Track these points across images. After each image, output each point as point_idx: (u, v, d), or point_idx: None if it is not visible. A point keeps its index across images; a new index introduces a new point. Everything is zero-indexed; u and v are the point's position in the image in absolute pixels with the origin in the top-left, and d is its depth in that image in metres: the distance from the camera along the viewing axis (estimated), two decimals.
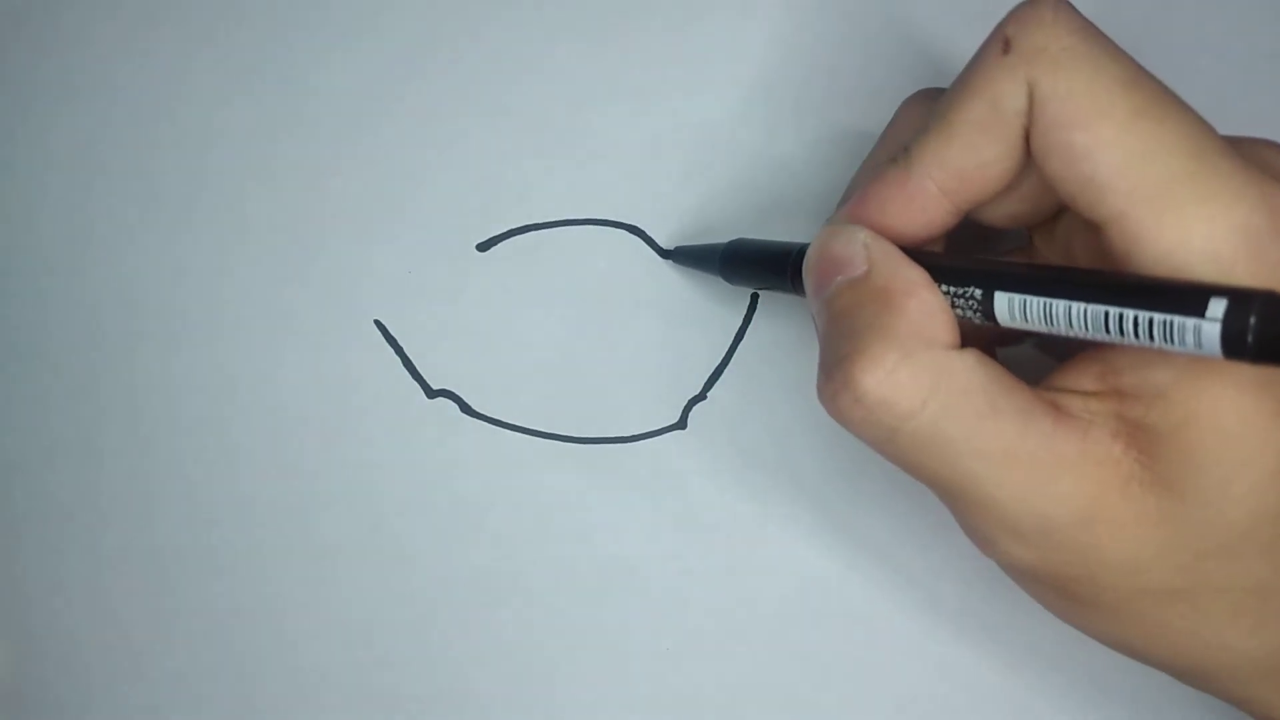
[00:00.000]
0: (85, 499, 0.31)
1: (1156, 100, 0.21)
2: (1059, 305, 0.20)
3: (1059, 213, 0.24)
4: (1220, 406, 0.20)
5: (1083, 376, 0.22)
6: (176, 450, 0.31)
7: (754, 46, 0.31)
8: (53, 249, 0.32)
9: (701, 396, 0.31)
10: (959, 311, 0.22)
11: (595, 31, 0.32)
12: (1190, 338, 0.18)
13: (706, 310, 0.31)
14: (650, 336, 0.31)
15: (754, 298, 0.31)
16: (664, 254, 0.31)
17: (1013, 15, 0.21)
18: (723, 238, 0.29)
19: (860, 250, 0.23)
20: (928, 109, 0.24)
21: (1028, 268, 0.22)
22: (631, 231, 0.31)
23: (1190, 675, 0.24)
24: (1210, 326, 0.18)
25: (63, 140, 0.32)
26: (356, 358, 0.31)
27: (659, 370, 0.31)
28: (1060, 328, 0.20)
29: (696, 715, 0.31)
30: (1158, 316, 0.19)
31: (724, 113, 0.31)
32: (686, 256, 0.30)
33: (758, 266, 0.28)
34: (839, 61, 0.31)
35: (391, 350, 0.31)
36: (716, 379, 0.31)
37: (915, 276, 0.22)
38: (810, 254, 0.24)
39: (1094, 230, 0.21)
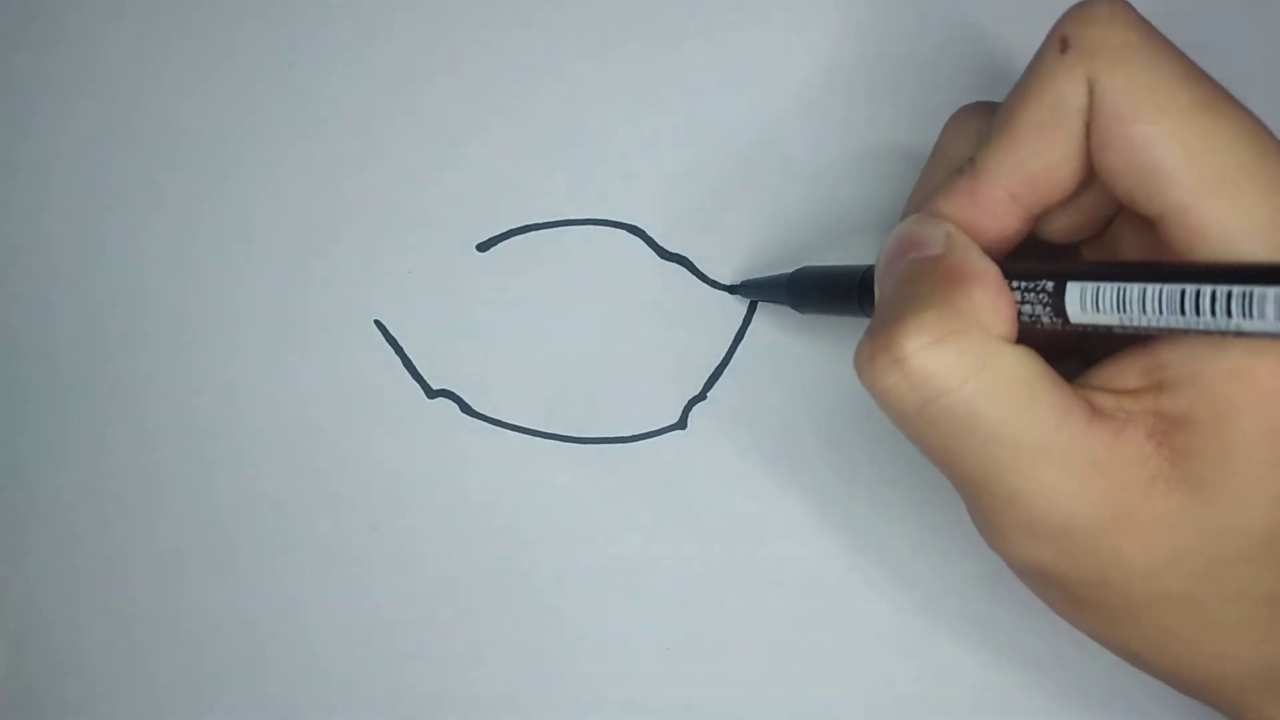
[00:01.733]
0: (85, 499, 0.31)
1: (1215, 96, 0.21)
2: (1133, 290, 0.20)
3: (1107, 225, 0.24)
4: (1268, 403, 0.20)
5: (1126, 372, 0.22)
6: (177, 450, 0.31)
7: (756, 47, 0.31)
8: (57, 250, 0.32)
9: (701, 396, 0.31)
10: (1026, 310, 0.22)
11: (596, 32, 0.32)
12: (1271, 309, 0.18)
13: (706, 310, 0.31)
14: (650, 336, 0.31)
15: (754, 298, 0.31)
16: (665, 255, 0.31)
17: (1069, 14, 0.22)
18: (726, 239, 0.29)
19: (941, 236, 0.23)
20: (982, 120, 0.24)
21: (1098, 263, 0.22)
22: (631, 231, 0.31)
23: (1190, 685, 0.24)
24: None
25: (67, 142, 0.32)
26: (357, 358, 0.31)
27: (659, 370, 0.31)
28: (1133, 314, 0.20)
29: (696, 715, 0.31)
30: (1236, 289, 0.19)
31: (724, 112, 0.31)
32: (753, 289, 0.30)
33: (824, 292, 0.28)
34: (841, 62, 0.31)
35: (391, 350, 0.31)
36: (716, 379, 0.31)
37: (988, 267, 0.22)
38: (891, 236, 0.24)
39: (1149, 228, 0.21)
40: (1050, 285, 0.21)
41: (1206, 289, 0.19)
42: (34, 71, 0.32)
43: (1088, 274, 0.21)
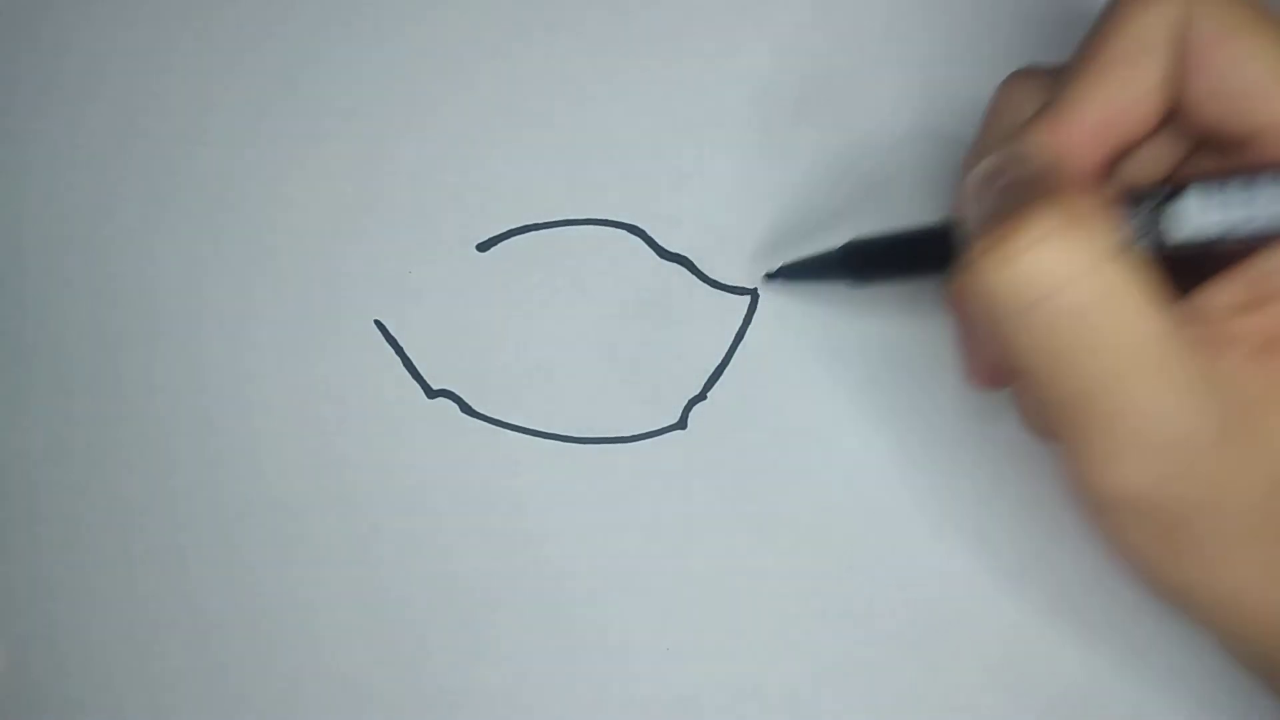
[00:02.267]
0: (85, 499, 0.31)
1: None
2: (1262, 179, 0.20)
3: (1173, 169, 0.24)
4: None
5: (1230, 286, 0.21)
6: (176, 450, 0.31)
7: (756, 46, 0.31)
8: (56, 251, 0.32)
9: (701, 396, 0.31)
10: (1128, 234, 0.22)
11: (596, 31, 0.32)
12: None
13: (706, 310, 0.31)
14: (650, 336, 0.31)
15: (754, 298, 0.31)
16: (665, 255, 0.31)
17: None
18: (725, 239, 0.29)
19: (1037, 152, 0.22)
20: (1039, 81, 0.23)
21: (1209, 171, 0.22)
22: (631, 231, 0.31)
23: (1268, 636, 0.23)
24: None
25: (67, 143, 0.32)
26: (357, 358, 0.31)
27: (659, 370, 0.31)
28: (1260, 209, 0.20)
29: (696, 715, 0.31)
30: None
31: (724, 113, 0.31)
32: (795, 271, 0.30)
33: (893, 251, 0.27)
34: (837, 61, 0.31)
35: (391, 350, 0.31)
36: (716, 379, 0.31)
37: (1088, 179, 0.22)
38: (978, 169, 0.23)
39: (1240, 149, 0.21)
40: (1167, 190, 0.21)
41: None
42: (35, 73, 0.32)
43: (1207, 178, 0.21)
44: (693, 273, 0.31)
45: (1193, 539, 0.22)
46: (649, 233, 0.31)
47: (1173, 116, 0.23)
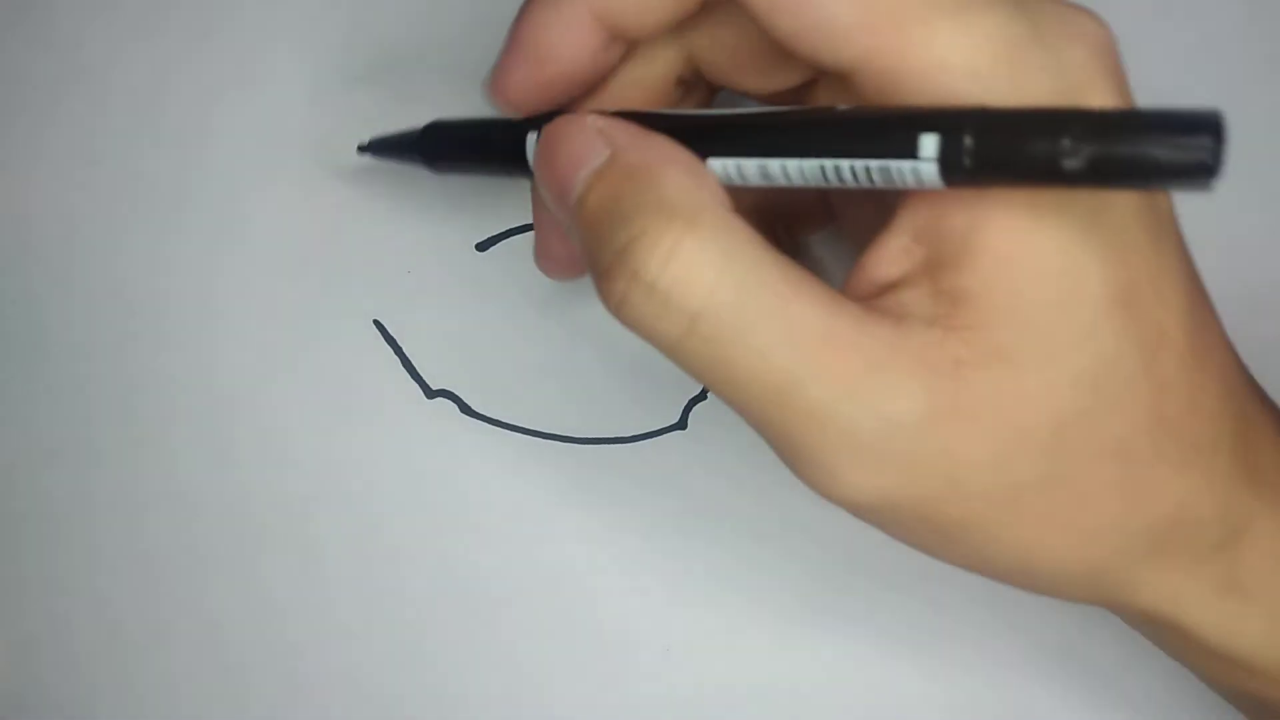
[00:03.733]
0: (84, 499, 0.31)
1: None
2: (774, 165, 0.19)
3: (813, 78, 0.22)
4: (1023, 244, 0.18)
5: (882, 260, 0.20)
6: (175, 451, 0.31)
7: None
8: (48, 249, 0.32)
9: (702, 396, 0.31)
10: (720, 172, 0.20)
11: None
12: (910, 176, 0.17)
13: None
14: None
15: None
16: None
17: None
18: None
19: (594, 136, 0.20)
20: None
21: (743, 119, 0.20)
22: None
23: (1083, 581, 0.22)
24: (928, 167, 0.17)
25: (58, 139, 0.32)
26: (356, 358, 0.31)
27: (659, 370, 0.31)
28: (778, 182, 0.19)
29: (696, 715, 0.31)
30: (875, 164, 0.18)
31: None
32: (382, 148, 0.28)
33: (467, 151, 0.26)
34: None
35: (391, 350, 0.31)
36: None
37: (663, 144, 0.20)
38: (539, 159, 0.21)
39: (847, 85, 0.19)
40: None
41: (846, 164, 0.18)
42: (22, 68, 0.32)
43: (728, 144, 0.19)
44: None
45: (950, 530, 0.21)
46: None
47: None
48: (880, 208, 0.21)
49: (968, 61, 0.18)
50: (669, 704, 0.31)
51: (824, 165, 0.18)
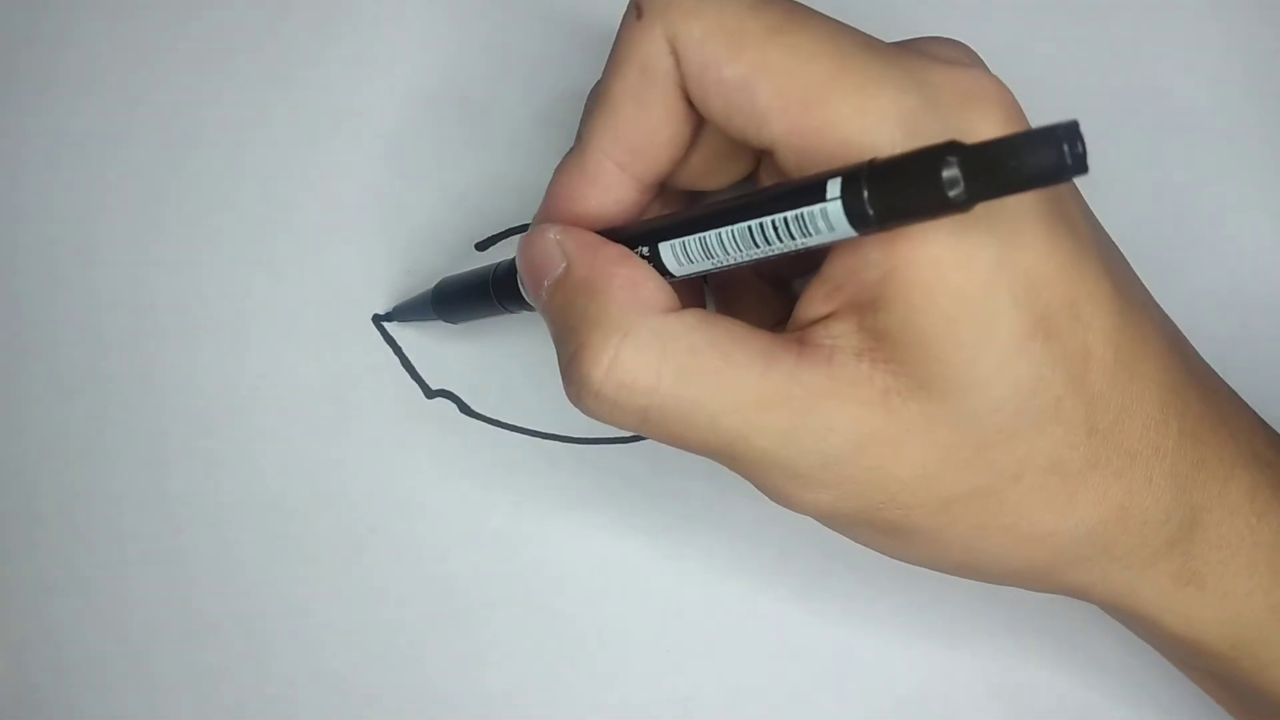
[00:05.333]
0: (84, 500, 0.31)
1: (788, 16, 0.21)
2: (711, 236, 0.21)
3: (757, 163, 0.24)
4: (935, 286, 0.20)
5: (813, 303, 0.22)
6: (176, 450, 0.31)
7: None
8: (55, 250, 0.32)
9: None
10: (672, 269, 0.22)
11: (596, 29, 0.32)
12: (822, 224, 0.19)
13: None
14: None
15: None
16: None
17: None
18: None
19: (554, 248, 0.23)
20: None
21: (688, 211, 0.22)
22: None
23: (1029, 577, 0.24)
24: (834, 207, 0.19)
25: (66, 141, 0.32)
26: (355, 358, 0.31)
27: None
28: (720, 259, 0.21)
29: (696, 716, 0.31)
30: (790, 214, 0.20)
31: None
32: (404, 312, 0.31)
33: (468, 298, 0.28)
34: None
35: (390, 350, 0.31)
36: None
37: (613, 254, 0.22)
38: (519, 267, 0.24)
39: (776, 165, 0.21)
40: (646, 250, 0.22)
41: (767, 221, 0.20)
42: (39, 71, 0.32)
43: (673, 229, 0.22)
44: None
45: (900, 530, 0.23)
46: None
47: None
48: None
49: (868, 136, 0.20)
50: (669, 704, 0.31)
51: (750, 227, 0.20)
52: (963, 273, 0.20)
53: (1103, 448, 0.22)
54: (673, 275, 0.22)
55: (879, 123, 0.20)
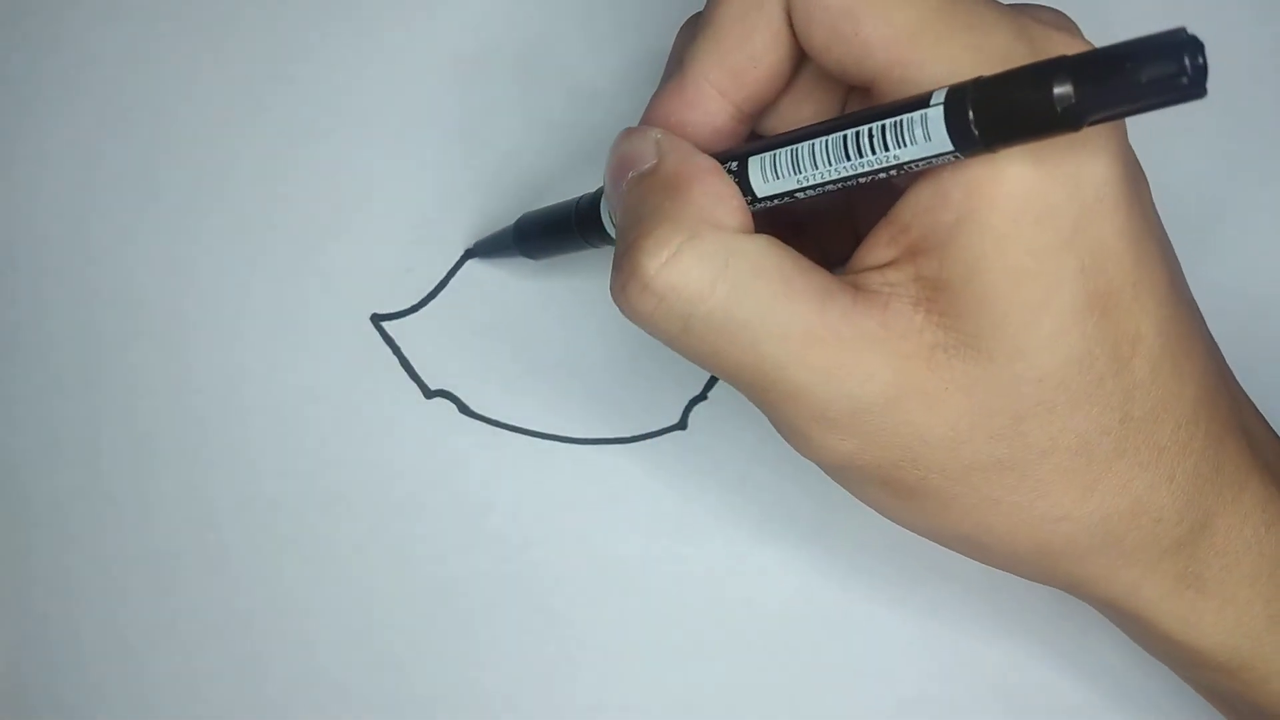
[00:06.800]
0: (84, 499, 0.31)
1: None
2: (803, 148, 0.21)
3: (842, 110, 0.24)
4: (1010, 237, 0.20)
5: (877, 247, 0.21)
6: (175, 450, 0.31)
7: None
8: (53, 249, 0.32)
9: (702, 396, 0.31)
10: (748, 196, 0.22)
11: (596, 29, 0.31)
12: (920, 133, 0.19)
13: None
14: (650, 336, 0.31)
15: None
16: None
17: None
18: None
19: (650, 145, 0.22)
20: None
21: (780, 135, 0.22)
22: None
23: (1031, 561, 0.23)
24: (935, 113, 0.18)
25: (63, 140, 0.32)
26: (355, 358, 0.31)
27: (659, 370, 0.31)
28: (809, 174, 0.21)
29: (696, 715, 0.31)
30: (889, 121, 0.19)
31: None
32: (485, 248, 0.31)
33: (550, 232, 0.28)
34: None
35: (389, 350, 0.31)
36: (717, 379, 0.31)
37: (704, 163, 0.22)
38: (608, 157, 0.23)
39: (870, 97, 0.21)
40: (735, 166, 0.22)
41: (864, 130, 0.20)
42: (31, 69, 0.32)
43: (766, 146, 0.21)
44: None
45: (912, 493, 0.22)
46: None
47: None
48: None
49: (974, 74, 0.19)
50: (670, 704, 0.31)
51: (845, 136, 0.20)
52: (1041, 229, 0.20)
53: (1133, 437, 0.22)
54: (756, 199, 0.22)
55: (987, 63, 0.19)
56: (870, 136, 0.20)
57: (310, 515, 0.31)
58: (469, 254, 0.31)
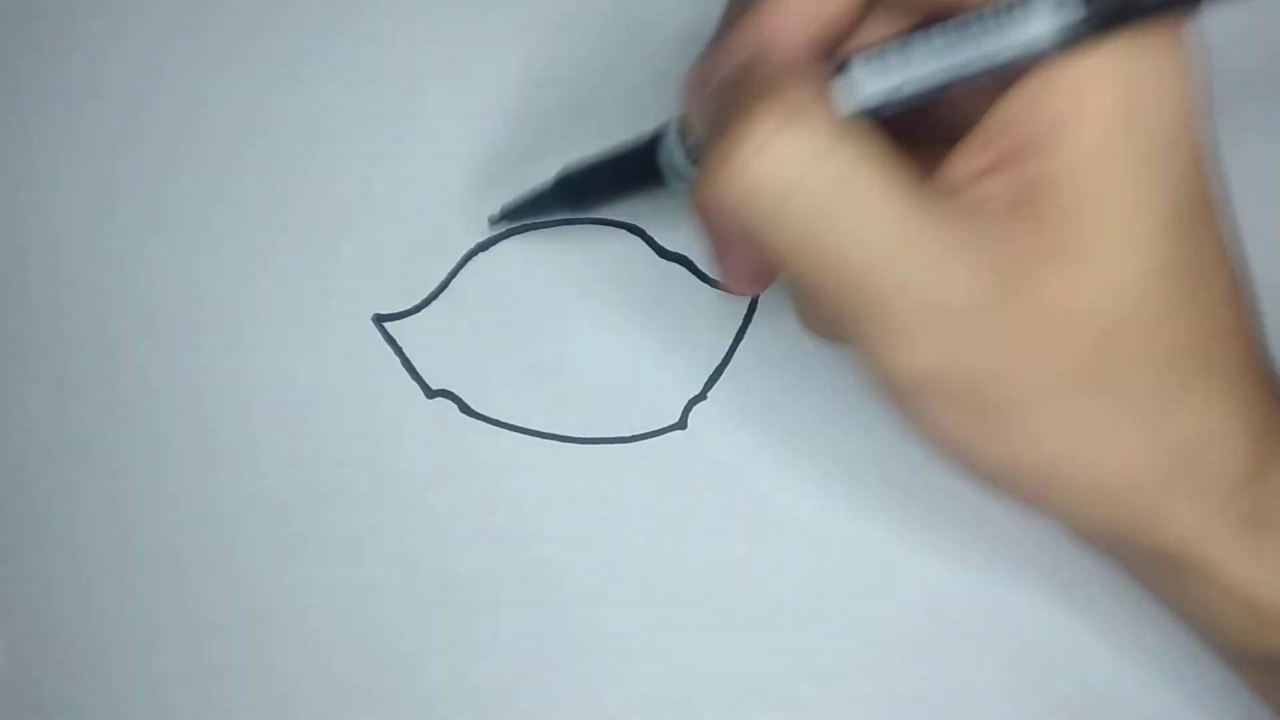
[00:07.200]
0: (85, 499, 0.31)
1: None
2: (916, 36, 0.20)
3: None
4: (1100, 149, 0.19)
5: (970, 154, 0.21)
6: (176, 450, 0.31)
7: None
8: (58, 251, 0.32)
9: (701, 396, 0.31)
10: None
11: (596, 30, 0.32)
12: (1034, 12, 0.19)
13: (706, 310, 0.31)
14: (650, 336, 0.31)
15: (754, 298, 0.31)
16: (665, 255, 0.31)
17: None
18: None
19: (735, 56, 0.22)
20: None
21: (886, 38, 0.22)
22: (631, 231, 0.31)
23: (1107, 496, 0.22)
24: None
25: (70, 143, 0.32)
26: (355, 358, 0.31)
27: (659, 370, 0.31)
28: (918, 67, 0.20)
29: (697, 715, 0.31)
30: (1002, 3, 0.19)
31: None
32: (518, 213, 0.30)
33: (595, 179, 0.27)
34: None
35: (390, 350, 0.31)
36: (716, 379, 0.31)
37: (795, 64, 0.21)
38: (685, 78, 0.23)
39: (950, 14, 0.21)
40: (839, 63, 0.21)
41: (973, 15, 0.20)
42: (38, 75, 0.32)
43: (868, 48, 0.21)
44: (693, 272, 0.31)
45: (996, 412, 0.21)
46: (649, 232, 0.31)
47: None
48: None
49: None
50: (669, 704, 0.31)
51: (963, 19, 0.20)
52: (1137, 136, 0.19)
53: (1217, 356, 0.21)
54: (848, 107, 0.21)
55: None
56: (980, 20, 0.19)
57: (313, 514, 0.31)
58: (500, 217, 0.30)
